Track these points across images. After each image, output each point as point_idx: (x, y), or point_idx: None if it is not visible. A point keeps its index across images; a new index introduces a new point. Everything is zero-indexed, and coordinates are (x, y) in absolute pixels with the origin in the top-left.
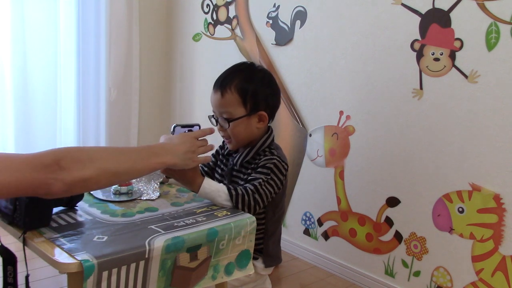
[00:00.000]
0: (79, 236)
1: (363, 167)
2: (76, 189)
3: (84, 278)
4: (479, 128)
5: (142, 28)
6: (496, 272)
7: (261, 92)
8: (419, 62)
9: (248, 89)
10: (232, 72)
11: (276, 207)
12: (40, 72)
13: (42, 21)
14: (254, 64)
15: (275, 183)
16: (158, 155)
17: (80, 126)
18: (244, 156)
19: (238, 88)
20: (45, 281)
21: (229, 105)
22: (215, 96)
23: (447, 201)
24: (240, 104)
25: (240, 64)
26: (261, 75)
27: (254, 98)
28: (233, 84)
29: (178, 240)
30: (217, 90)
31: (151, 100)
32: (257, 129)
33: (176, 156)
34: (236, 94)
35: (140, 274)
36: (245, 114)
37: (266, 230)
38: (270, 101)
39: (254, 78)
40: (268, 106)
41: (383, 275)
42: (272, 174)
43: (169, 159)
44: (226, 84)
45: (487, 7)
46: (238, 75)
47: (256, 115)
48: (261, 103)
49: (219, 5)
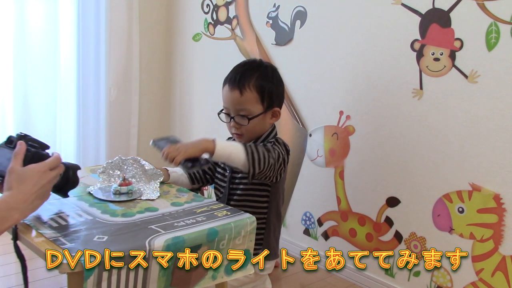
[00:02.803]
0: (79, 236)
1: (363, 167)
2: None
3: (84, 278)
4: (479, 128)
5: (142, 28)
6: (496, 272)
7: (275, 90)
8: (419, 62)
9: (265, 87)
10: (247, 70)
11: (279, 198)
12: (40, 72)
13: (42, 21)
14: (262, 61)
15: (280, 153)
16: (3, 221)
17: (80, 126)
18: None
19: (256, 86)
20: (45, 281)
21: (248, 103)
22: (233, 94)
23: (447, 201)
24: (258, 102)
25: (252, 61)
26: (273, 73)
27: (270, 96)
28: (251, 82)
29: (178, 240)
30: (235, 88)
31: (151, 100)
32: (269, 125)
33: (26, 208)
34: (255, 92)
35: (140, 274)
36: (263, 111)
37: (268, 222)
38: (281, 97)
39: (268, 76)
40: (280, 102)
41: (383, 275)
42: (276, 146)
43: (17, 217)
44: (244, 82)
45: (487, 7)
46: (254, 73)
47: (270, 111)
48: (275, 100)
49: (219, 5)
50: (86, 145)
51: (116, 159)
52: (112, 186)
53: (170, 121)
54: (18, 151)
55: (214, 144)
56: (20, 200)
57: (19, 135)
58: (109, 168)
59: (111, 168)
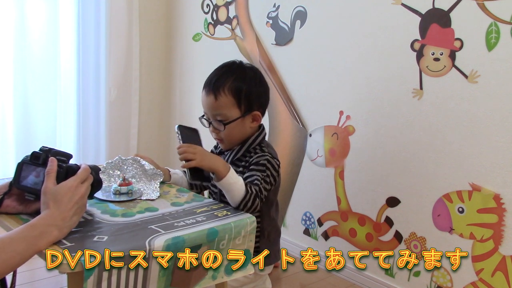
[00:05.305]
0: (79, 236)
1: (363, 167)
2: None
3: (84, 278)
4: (479, 128)
5: (142, 28)
6: (496, 272)
7: (254, 92)
8: (419, 62)
9: (241, 90)
10: (223, 73)
11: (271, 206)
12: (41, 72)
13: (43, 21)
14: (243, 62)
15: (270, 180)
16: (42, 236)
17: (80, 126)
18: (235, 154)
19: (232, 90)
20: (45, 281)
21: (224, 108)
22: (208, 98)
23: (447, 201)
24: (234, 106)
25: (230, 64)
26: (252, 74)
27: (248, 99)
28: (226, 85)
29: (178, 240)
30: (210, 93)
31: (151, 100)
32: (251, 129)
33: (64, 226)
34: (231, 96)
35: (140, 274)
36: (240, 116)
37: (262, 229)
38: (262, 99)
39: (246, 78)
40: (261, 105)
41: (383, 275)
42: (268, 171)
43: (56, 234)
44: (219, 86)
45: (487, 7)
46: (230, 76)
47: (250, 115)
48: (254, 103)
49: (219, 5)
50: (86, 145)
51: (116, 159)
52: (112, 186)
53: (170, 121)
54: (50, 170)
55: (227, 172)
56: (58, 218)
57: (44, 149)
58: (109, 168)
59: (111, 168)
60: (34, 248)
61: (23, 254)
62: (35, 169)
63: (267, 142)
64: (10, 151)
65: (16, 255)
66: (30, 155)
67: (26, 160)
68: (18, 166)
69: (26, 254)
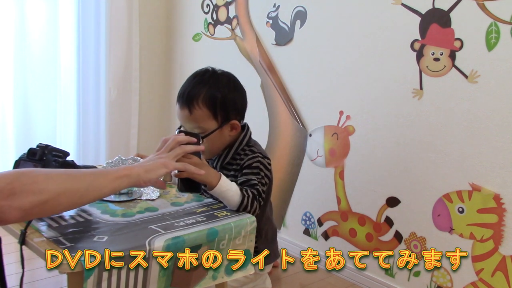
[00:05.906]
0: (79, 236)
1: (363, 167)
2: (33, 215)
3: (84, 278)
4: (479, 128)
5: (142, 28)
6: (496, 272)
7: (229, 100)
8: (419, 62)
9: (216, 100)
10: (195, 84)
11: (265, 205)
12: (41, 72)
13: (43, 21)
14: (215, 69)
15: (265, 181)
16: (119, 169)
17: (80, 126)
18: (224, 158)
19: (206, 102)
20: (45, 281)
21: (200, 121)
22: (183, 112)
23: (447, 201)
24: (210, 118)
25: (202, 72)
26: (226, 81)
27: (224, 108)
28: (200, 97)
29: (178, 240)
30: (184, 106)
31: (151, 100)
32: (230, 137)
33: (143, 166)
34: (205, 108)
35: (140, 274)
36: (217, 127)
37: (259, 229)
38: (239, 105)
39: (220, 86)
40: (238, 112)
41: (383, 275)
42: (262, 172)
43: (130, 170)
44: (192, 98)
45: (487, 7)
46: (203, 86)
47: (228, 125)
48: (231, 112)
49: (219, 5)
50: (86, 145)
51: (116, 159)
52: None
53: (170, 121)
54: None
55: (217, 181)
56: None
57: (40, 146)
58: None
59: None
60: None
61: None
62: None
63: (255, 141)
64: (10, 151)
65: (88, 178)
66: (27, 152)
67: (23, 157)
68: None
69: (96, 181)
